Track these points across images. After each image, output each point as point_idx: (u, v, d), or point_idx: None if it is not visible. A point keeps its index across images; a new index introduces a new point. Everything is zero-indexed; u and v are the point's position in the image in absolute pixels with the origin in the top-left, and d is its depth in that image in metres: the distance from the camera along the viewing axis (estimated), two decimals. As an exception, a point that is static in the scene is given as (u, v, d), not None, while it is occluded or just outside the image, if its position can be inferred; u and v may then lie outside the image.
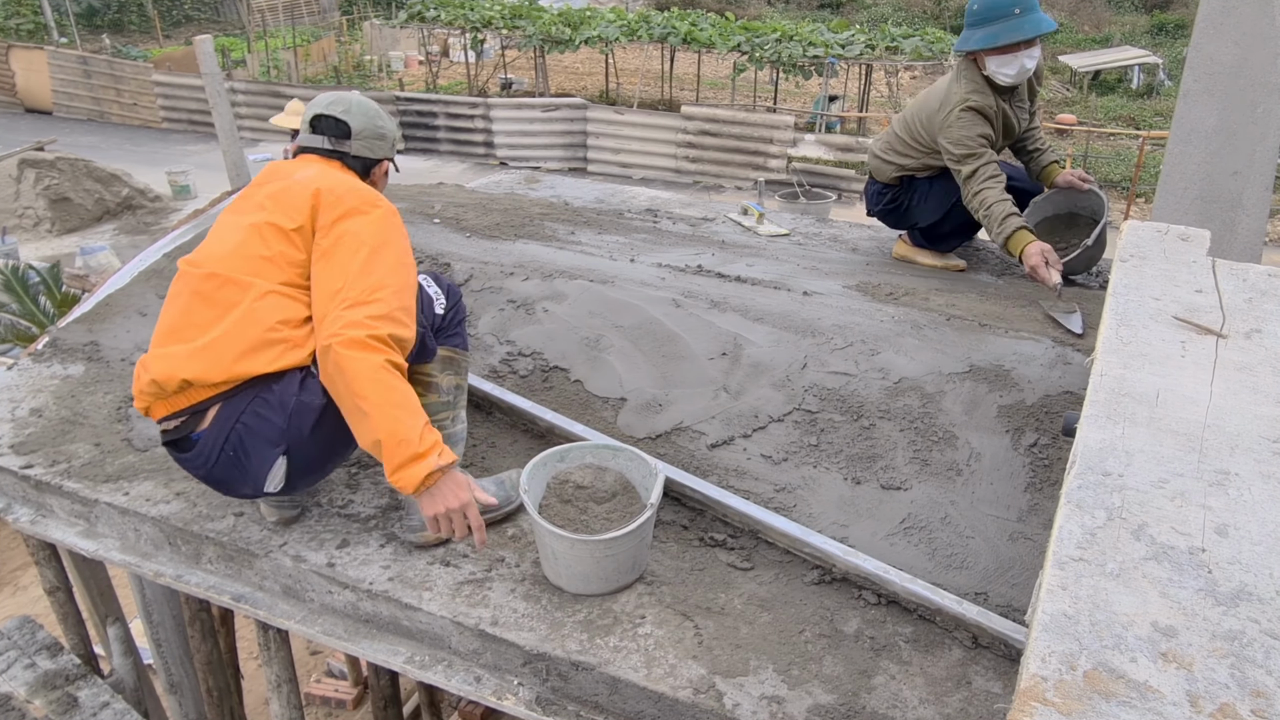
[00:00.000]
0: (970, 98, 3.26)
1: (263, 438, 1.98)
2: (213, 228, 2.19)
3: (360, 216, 2.04)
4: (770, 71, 18.21)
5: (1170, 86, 20.40)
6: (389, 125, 2.33)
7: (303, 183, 2.11)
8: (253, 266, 2.03)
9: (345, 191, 2.09)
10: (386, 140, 2.31)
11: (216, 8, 28.98)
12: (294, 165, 2.23)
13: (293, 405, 1.96)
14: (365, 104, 2.29)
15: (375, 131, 2.28)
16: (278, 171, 2.22)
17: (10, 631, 2.91)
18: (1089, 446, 1.56)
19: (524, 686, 1.94)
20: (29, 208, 12.43)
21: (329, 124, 2.24)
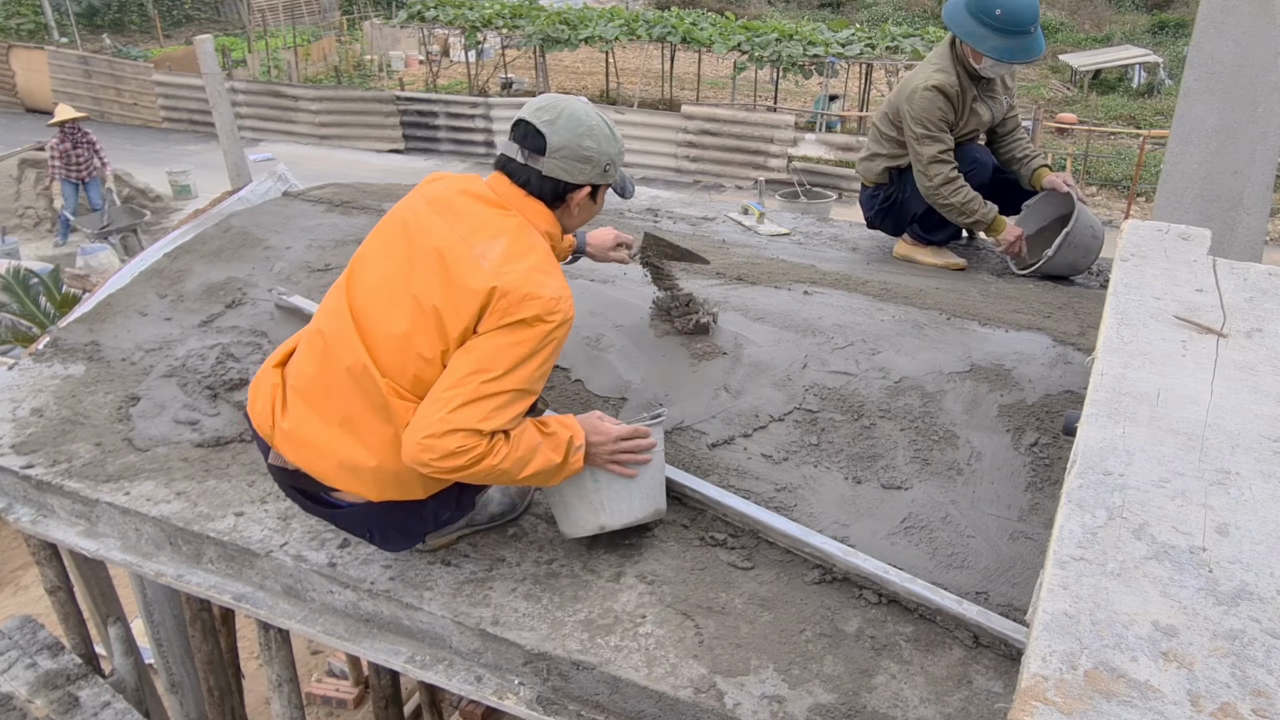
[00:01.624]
0: (934, 76, 3.31)
1: (406, 533, 2.07)
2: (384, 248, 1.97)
3: (524, 330, 1.82)
4: (770, 71, 18.21)
5: (1171, 85, 20.39)
6: (600, 146, 1.96)
7: (478, 268, 1.83)
8: (414, 376, 1.85)
9: (521, 298, 1.80)
10: (591, 165, 1.96)
11: (217, 8, 28.97)
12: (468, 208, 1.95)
13: (445, 517, 2.06)
14: (578, 116, 1.94)
15: (578, 152, 1.93)
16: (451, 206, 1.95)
17: (11, 631, 2.91)
18: (1090, 446, 1.56)
19: (525, 686, 1.94)
20: (29, 208, 12.43)
21: (527, 133, 1.94)
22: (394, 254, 1.94)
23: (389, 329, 1.87)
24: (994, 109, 3.50)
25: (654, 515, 2.11)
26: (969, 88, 3.38)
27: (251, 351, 2.90)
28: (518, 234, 1.91)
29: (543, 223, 1.98)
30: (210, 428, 2.64)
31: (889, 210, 3.72)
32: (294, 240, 3.53)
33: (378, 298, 1.91)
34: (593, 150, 1.95)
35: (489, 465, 1.81)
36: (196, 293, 3.27)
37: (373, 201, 3.90)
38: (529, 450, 1.87)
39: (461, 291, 1.82)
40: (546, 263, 1.90)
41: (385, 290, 1.91)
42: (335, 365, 1.91)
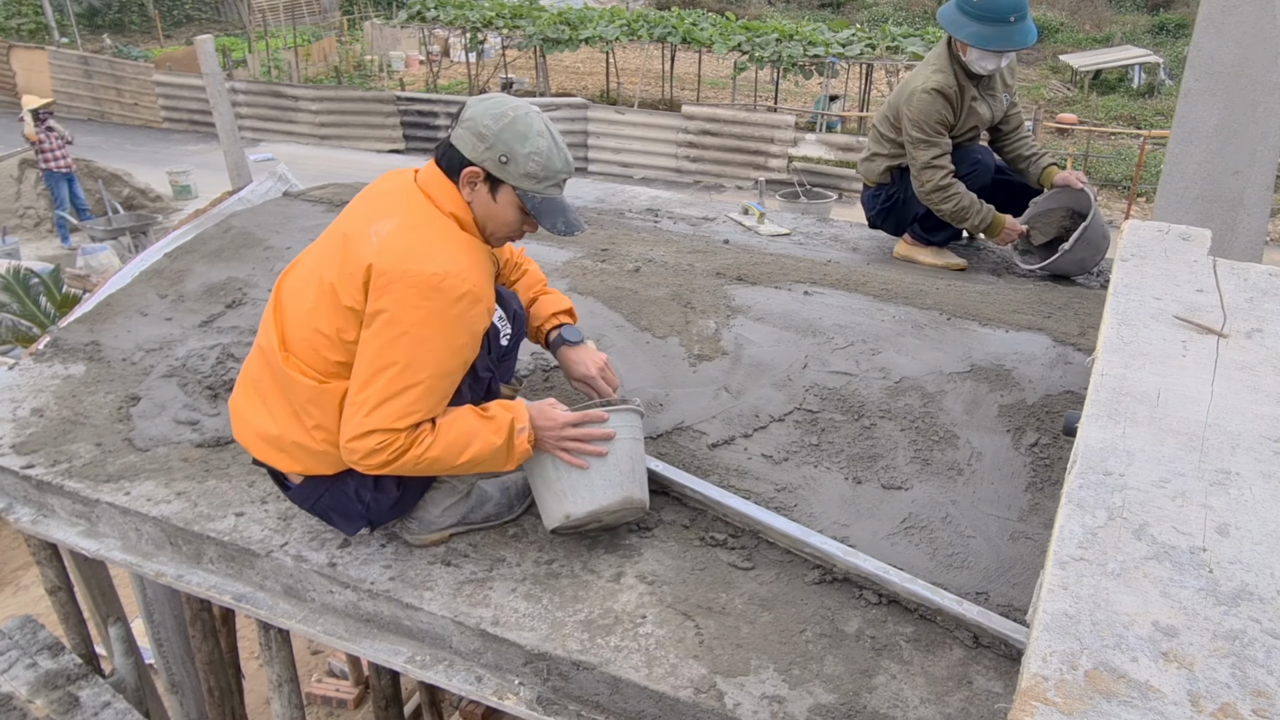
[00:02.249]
0: (932, 78, 3.33)
1: (345, 515, 2.11)
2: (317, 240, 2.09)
3: (413, 313, 1.83)
4: (771, 71, 18.21)
5: (1171, 86, 20.39)
6: (501, 133, 1.90)
7: (367, 244, 1.88)
8: (312, 349, 1.93)
9: (399, 274, 1.83)
10: (484, 144, 1.91)
11: (217, 8, 28.98)
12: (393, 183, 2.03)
13: (368, 499, 2.06)
14: (503, 103, 1.93)
15: (477, 127, 1.91)
16: (375, 192, 2.04)
17: (11, 631, 2.91)
18: (1090, 446, 1.56)
19: (525, 686, 1.94)
20: (30, 208, 12.43)
21: (462, 107, 1.99)
22: (319, 243, 2.07)
23: (299, 307, 1.97)
24: (994, 107, 3.50)
25: (624, 504, 2.04)
26: (967, 86, 3.38)
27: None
28: (415, 210, 1.94)
29: (448, 204, 1.96)
30: (210, 428, 2.64)
31: (890, 210, 3.72)
32: (294, 240, 3.53)
33: (298, 282, 2.02)
34: (490, 130, 1.89)
35: (415, 455, 1.87)
36: (197, 293, 3.27)
37: (373, 201, 3.90)
38: (463, 435, 1.90)
39: (352, 266, 1.88)
40: (440, 238, 1.90)
41: (304, 275, 2.02)
42: (258, 346, 2.06)
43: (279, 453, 2.03)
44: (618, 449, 2.05)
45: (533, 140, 1.92)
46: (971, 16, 3.24)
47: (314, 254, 2.05)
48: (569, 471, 2.03)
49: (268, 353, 2.00)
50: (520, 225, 2.04)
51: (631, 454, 2.08)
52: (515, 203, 1.98)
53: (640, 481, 2.10)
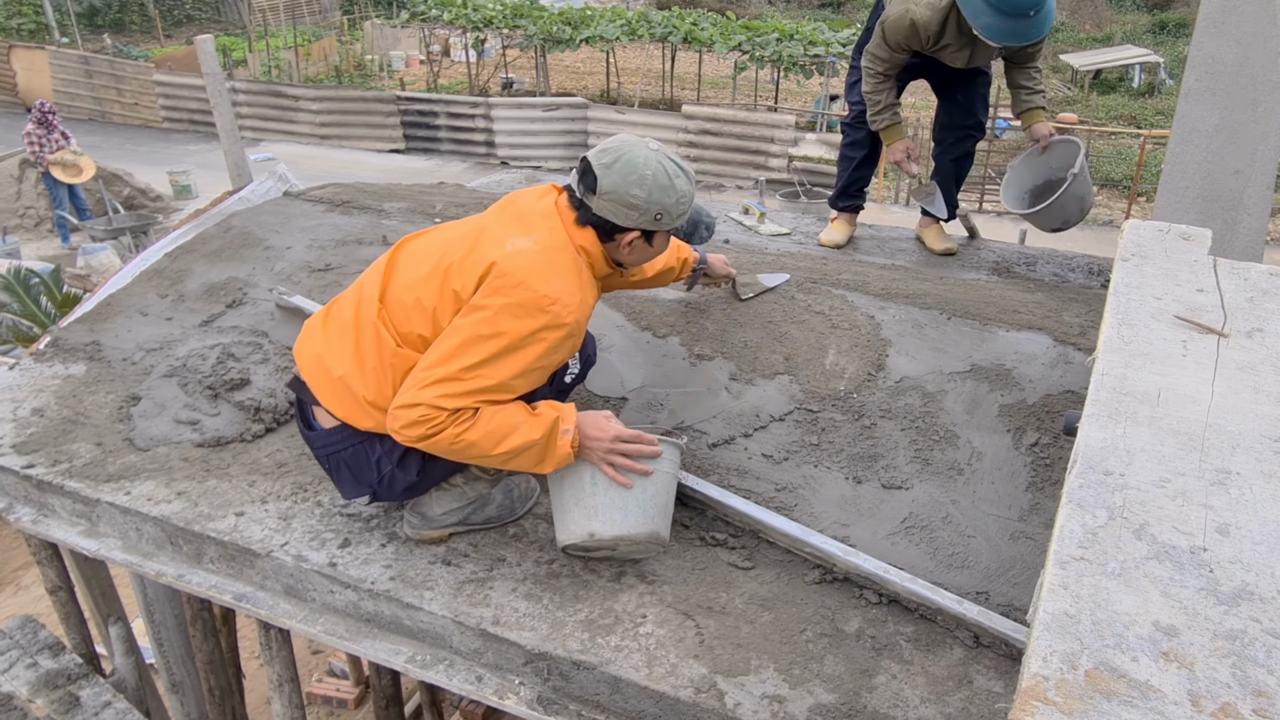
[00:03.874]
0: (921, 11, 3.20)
1: (356, 475, 2.10)
2: (453, 224, 2.15)
3: (511, 320, 1.87)
4: (771, 71, 18.21)
5: (1171, 85, 20.39)
6: (650, 196, 1.97)
7: (499, 248, 1.95)
8: (406, 317, 1.97)
9: (517, 283, 1.89)
10: (638, 212, 1.98)
11: (218, 7, 28.98)
12: (540, 203, 2.08)
13: (387, 470, 2.06)
14: (634, 163, 1.97)
15: (624, 199, 1.96)
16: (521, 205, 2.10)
17: (12, 631, 2.91)
18: (1090, 446, 1.56)
19: (525, 686, 1.94)
20: (30, 208, 12.43)
21: (585, 170, 2.00)
22: (452, 226, 2.14)
23: (411, 273, 2.02)
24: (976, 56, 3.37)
25: (649, 538, 2.00)
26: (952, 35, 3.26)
27: (252, 351, 2.90)
28: (551, 238, 1.99)
29: (582, 239, 2.03)
30: (211, 428, 2.64)
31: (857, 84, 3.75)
32: (294, 240, 3.53)
33: (420, 252, 2.07)
34: (640, 200, 1.97)
35: (453, 434, 1.87)
36: (197, 293, 3.27)
37: (373, 201, 3.90)
38: (505, 426, 1.89)
39: (477, 258, 1.94)
40: (564, 268, 1.95)
41: (428, 249, 2.06)
42: (360, 287, 2.10)
43: (330, 387, 2.03)
44: (658, 481, 2.01)
45: (676, 188, 2.01)
46: (989, 5, 3.06)
47: (445, 234, 2.10)
48: (607, 489, 1.97)
49: (365, 299, 2.04)
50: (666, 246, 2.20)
51: (669, 489, 2.04)
52: (665, 236, 2.13)
53: (668, 519, 2.05)
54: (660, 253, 2.16)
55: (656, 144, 2.04)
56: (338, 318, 2.09)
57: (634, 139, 2.03)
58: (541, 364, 1.93)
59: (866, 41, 3.70)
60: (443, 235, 2.10)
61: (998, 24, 3.09)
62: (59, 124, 11.55)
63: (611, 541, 1.98)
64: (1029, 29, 3.10)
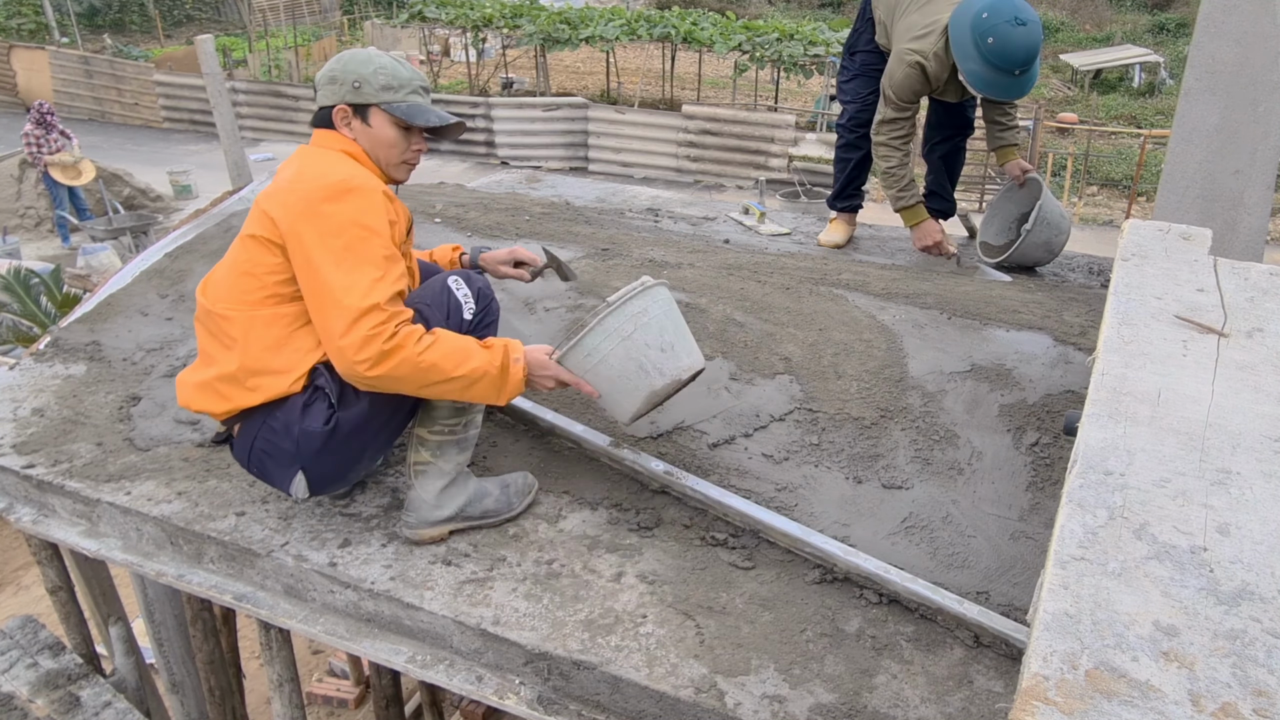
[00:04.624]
0: (929, 62, 3.23)
1: (277, 460, 2.08)
2: None
3: (304, 224, 1.94)
4: (771, 70, 18.20)
5: (1172, 85, 20.39)
6: (346, 66, 2.09)
7: (265, 191, 2.06)
8: (238, 289, 2.03)
9: (307, 191, 1.97)
10: (336, 84, 2.09)
11: (218, 7, 28.98)
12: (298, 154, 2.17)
13: (296, 433, 2.04)
14: (347, 53, 2.14)
15: (325, 76, 2.11)
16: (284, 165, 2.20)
17: (12, 631, 2.91)
18: (1090, 445, 1.56)
19: (525, 686, 1.94)
20: (30, 208, 12.43)
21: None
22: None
23: (221, 270, 2.10)
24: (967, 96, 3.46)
25: (649, 399, 2.14)
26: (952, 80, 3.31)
27: (252, 351, 2.90)
28: (308, 157, 2.08)
29: (337, 144, 2.11)
30: (211, 428, 2.64)
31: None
32: (295, 240, 3.52)
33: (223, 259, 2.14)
34: (336, 70, 2.09)
35: (415, 352, 1.89)
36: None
37: (373, 201, 3.90)
38: (461, 351, 1.96)
39: (258, 211, 2.02)
40: (339, 161, 2.04)
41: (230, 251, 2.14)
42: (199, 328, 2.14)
43: (203, 394, 2.07)
44: (613, 362, 2.10)
45: (374, 60, 2.10)
46: (981, 54, 3.06)
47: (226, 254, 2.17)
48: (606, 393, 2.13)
49: (199, 315, 2.11)
50: (405, 140, 2.15)
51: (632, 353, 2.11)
52: (386, 119, 2.12)
53: (658, 366, 2.13)
54: (391, 143, 2.13)
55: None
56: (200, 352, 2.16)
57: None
58: (385, 231, 1.97)
59: (856, 39, 3.70)
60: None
61: (984, 74, 3.10)
62: (58, 124, 11.55)
63: (637, 415, 2.17)
64: (1011, 86, 3.12)
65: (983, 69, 3.08)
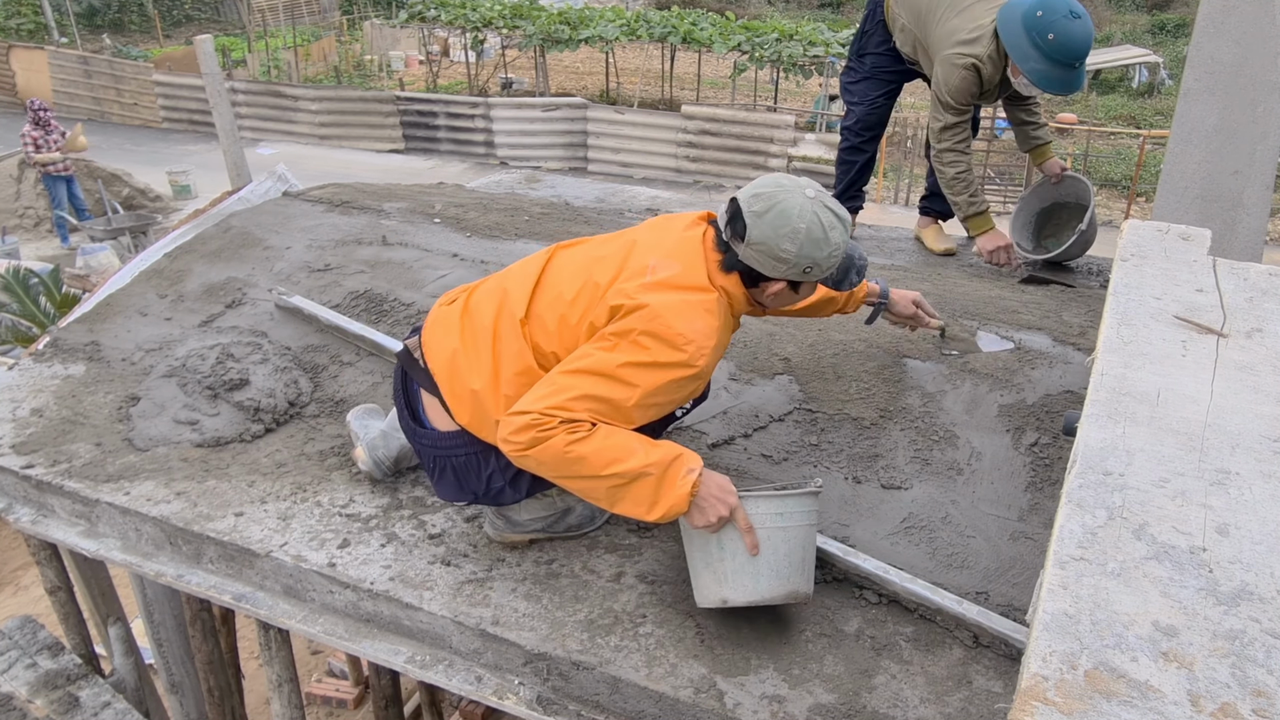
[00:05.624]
0: (985, 65, 3.21)
1: (460, 482, 2.07)
2: (604, 239, 2.08)
3: (642, 351, 1.81)
4: (771, 71, 18.21)
5: (1171, 85, 20.39)
6: (801, 250, 1.86)
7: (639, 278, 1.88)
8: (547, 334, 1.93)
9: (653, 315, 1.82)
10: (787, 265, 1.88)
11: (217, 7, 28.97)
12: (690, 230, 2.01)
13: (497, 487, 2.04)
14: (788, 214, 1.85)
15: (774, 251, 1.86)
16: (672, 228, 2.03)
17: (11, 631, 2.91)
18: (1090, 446, 1.56)
19: (525, 686, 1.94)
20: (29, 208, 12.43)
21: (735, 214, 1.90)
22: (603, 242, 2.08)
23: (560, 288, 1.97)
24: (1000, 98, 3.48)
25: (787, 597, 1.87)
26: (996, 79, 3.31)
27: (251, 351, 2.89)
28: (694, 276, 1.91)
29: (724, 282, 1.94)
30: (210, 428, 2.63)
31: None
32: (294, 240, 3.53)
33: (571, 265, 2.02)
34: (790, 254, 1.86)
35: (564, 442, 1.76)
36: (196, 293, 3.27)
37: (372, 201, 3.90)
38: (620, 448, 1.79)
39: (619, 289, 1.89)
40: (702, 310, 1.87)
41: (579, 262, 2.01)
42: (505, 291, 2.03)
43: (461, 395, 1.97)
44: (791, 537, 1.86)
45: (830, 240, 1.88)
46: (1042, 52, 3.02)
47: (598, 247, 2.05)
48: (734, 554, 1.84)
49: (507, 309, 1.98)
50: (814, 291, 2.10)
51: (804, 542, 1.89)
52: (814, 286, 2.04)
53: (808, 572, 1.91)
54: (805, 298, 2.07)
55: (815, 190, 1.90)
56: (475, 318, 2.02)
57: (790, 183, 1.90)
58: (662, 399, 1.86)
59: (865, 42, 3.70)
60: (593, 253, 2.03)
61: (1048, 72, 3.07)
62: (56, 123, 11.56)
63: (745, 605, 1.87)
64: (1073, 80, 3.11)
65: (1046, 66, 3.06)
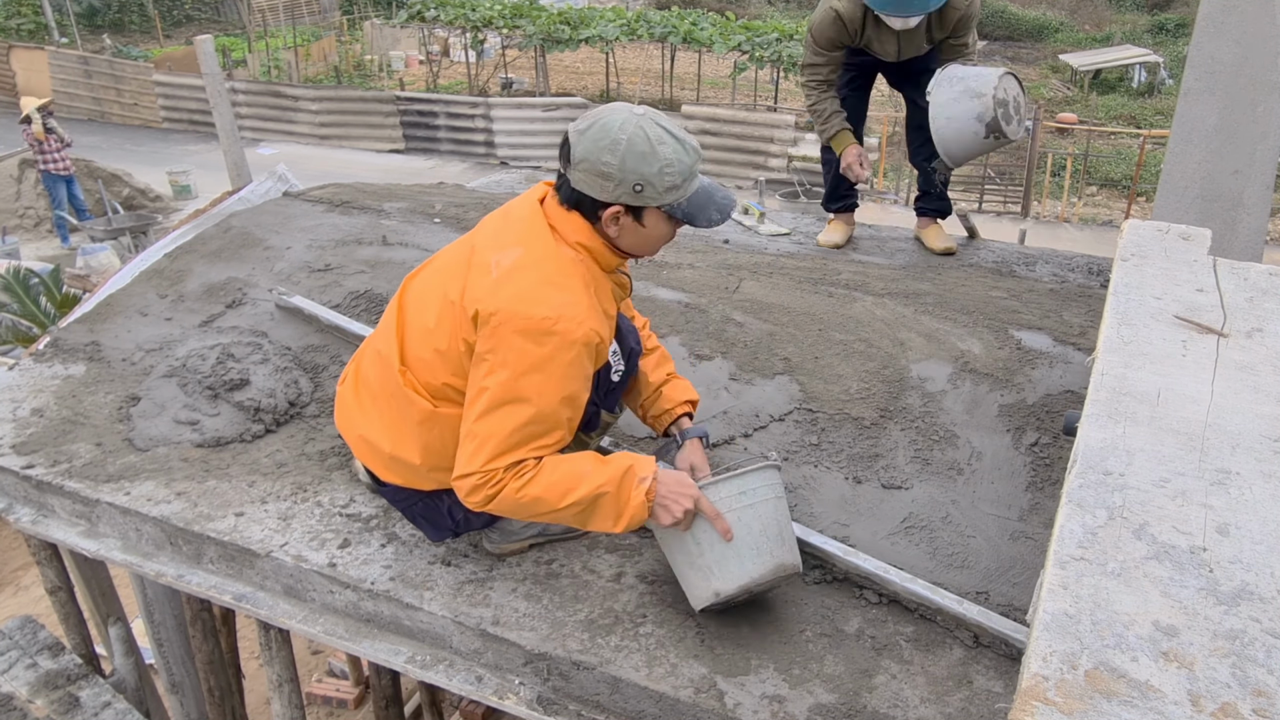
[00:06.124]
0: (842, 3, 3.26)
1: (433, 524, 2.13)
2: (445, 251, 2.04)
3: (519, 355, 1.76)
4: (771, 71, 18.20)
5: (1171, 85, 20.40)
6: (624, 163, 1.76)
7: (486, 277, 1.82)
8: (429, 370, 1.90)
9: (509, 316, 1.76)
10: (613, 182, 1.78)
11: (217, 7, 28.96)
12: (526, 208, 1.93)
13: (460, 517, 2.08)
14: (608, 127, 1.77)
15: (596, 167, 1.77)
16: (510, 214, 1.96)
17: (12, 631, 2.91)
18: (1090, 446, 1.56)
19: (525, 686, 1.94)
20: (29, 208, 12.43)
21: (564, 140, 1.82)
22: (444, 254, 2.04)
23: (421, 321, 1.93)
24: (904, 49, 3.40)
25: (775, 571, 1.85)
26: (872, 25, 3.30)
27: (251, 352, 2.89)
28: (538, 242, 1.85)
29: (575, 234, 1.87)
30: (210, 428, 2.63)
31: None
32: (294, 240, 3.53)
33: (424, 290, 1.98)
34: (612, 167, 1.76)
35: (514, 490, 1.78)
36: (197, 293, 3.27)
37: (372, 201, 3.90)
38: (569, 477, 1.79)
39: (469, 300, 1.83)
40: (561, 275, 1.81)
41: (430, 285, 1.97)
42: (377, 350, 2.03)
43: (384, 463, 2.03)
44: (761, 513, 1.86)
45: (658, 154, 1.77)
46: None
47: (442, 263, 1.99)
48: (712, 545, 1.84)
49: (386, 362, 1.97)
50: (673, 232, 1.94)
51: (776, 515, 1.89)
52: (663, 217, 1.87)
53: (788, 543, 1.90)
54: (661, 239, 1.92)
55: (644, 109, 1.81)
56: (367, 387, 2.03)
57: (622, 106, 1.82)
58: (572, 386, 1.81)
59: None
60: (437, 268, 1.99)
61: None
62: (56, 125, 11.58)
63: (738, 592, 1.85)
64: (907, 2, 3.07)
65: None
